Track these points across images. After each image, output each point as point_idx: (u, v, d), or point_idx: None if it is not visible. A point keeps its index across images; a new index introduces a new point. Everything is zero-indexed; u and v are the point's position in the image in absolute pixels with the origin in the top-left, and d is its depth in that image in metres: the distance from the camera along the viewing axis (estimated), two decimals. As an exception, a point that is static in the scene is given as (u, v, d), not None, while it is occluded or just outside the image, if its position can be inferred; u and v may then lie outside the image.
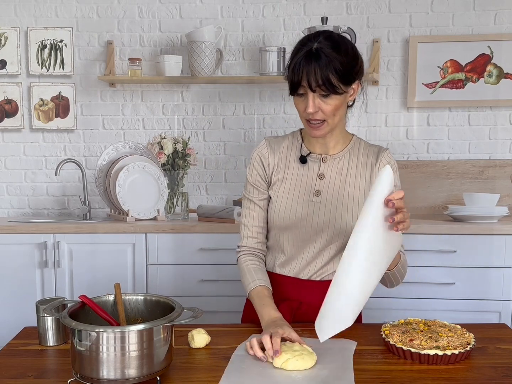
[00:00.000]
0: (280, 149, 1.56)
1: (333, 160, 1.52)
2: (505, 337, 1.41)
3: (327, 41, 1.36)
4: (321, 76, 1.33)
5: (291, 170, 1.53)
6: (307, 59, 1.34)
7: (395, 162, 1.55)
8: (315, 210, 1.49)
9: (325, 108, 1.38)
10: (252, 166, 1.57)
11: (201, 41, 2.81)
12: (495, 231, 2.46)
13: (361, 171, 1.52)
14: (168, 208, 2.82)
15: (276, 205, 1.52)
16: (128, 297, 1.29)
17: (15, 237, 2.58)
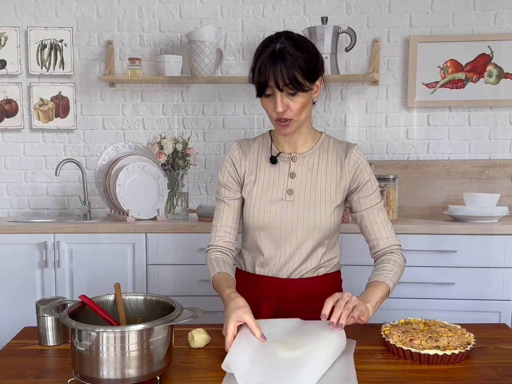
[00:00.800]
0: (251, 151, 1.59)
1: (303, 159, 1.55)
2: (505, 337, 1.41)
3: (289, 40, 1.39)
4: (288, 75, 1.36)
5: (263, 171, 1.56)
6: (272, 60, 1.37)
7: (364, 158, 1.57)
8: (288, 209, 1.52)
9: (293, 106, 1.41)
10: (224, 168, 1.60)
11: (201, 41, 2.81)
12: (495, 231, 2.46)
13: (331, 168, 1.54)
14: (168, 208, 2.81)
15: (250, 206, 1.55)
16: (128, 297, 1.29)
17: (15, 237, 2.58)
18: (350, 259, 2.42)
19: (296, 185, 1.53)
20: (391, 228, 1.56)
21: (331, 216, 1.52)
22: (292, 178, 1.54)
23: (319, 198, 1.52)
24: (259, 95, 1.43)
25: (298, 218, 1.52)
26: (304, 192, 1.52)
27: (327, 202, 1.52)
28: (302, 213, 1.51)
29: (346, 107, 3.01)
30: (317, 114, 3.08)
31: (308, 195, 1.52)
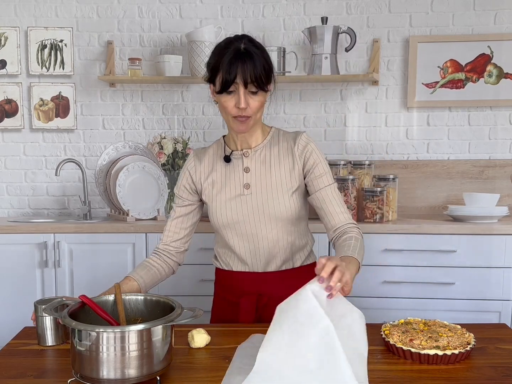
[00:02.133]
0: (206, 156, 1.65)
1: (254, 153, 1.60)
2: (505, 337, 1.41)
3: (251, 42, 1.47)
4: (255, 73, 1.43)
5: (219, 172, 1.62)
6: (240, 58, 1.43)
7: (313, 142, 1.61)
8: (248, 202, 1.57)
9: (253, 104, 1.47)
10: (180, 179, 1.67)
11: (201, 41, 2.81)
12: (495, 231, 2.46)
13: (284, 157, 1.58)
14: (168, 208, 2.81)
15: (211, 207, 1.61)
16: (128, 297, 1.29)
17: (15, 237, 2.58)
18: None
19: (251, 178, 1.58)
20: (346, 209, 1.57)
21: (290, 202, 1.55)
22: (247, 172, 1.58)
23: (276, 187, 1.56)
24: (221, 92, 1.46)
25: (259, 210, 1.56)
26: (260, 184, 1.57)
27: (284, 190, 1.56)
28: (262, 205, 1.56)
29: (346, 107, 3.01)
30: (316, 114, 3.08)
31: (264, 186, 1.56)
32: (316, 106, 3.01)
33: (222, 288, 1.71)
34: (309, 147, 1.58)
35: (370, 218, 2.59)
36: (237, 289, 1.63)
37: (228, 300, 1.67)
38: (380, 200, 2.58)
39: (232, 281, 1.65)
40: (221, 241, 1.66)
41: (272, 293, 1.58)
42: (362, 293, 2.50)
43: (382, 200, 2.59)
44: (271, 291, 1.59)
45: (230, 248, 1.62)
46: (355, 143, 3.01)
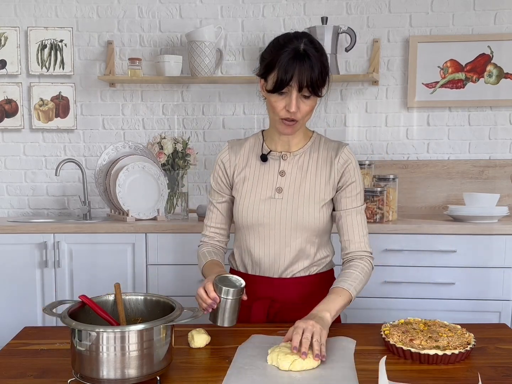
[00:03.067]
0: (242, 150, 1.60)
1: (293, 157, 1.55)
2: (505, 337, 1.41)
3: (311, 44, 1.41)
4: (312, 78, 1.37)
5: (252, 169, 1.57)
6: (298, 59, 1.37)
7: (355, 158, 1.57)
8: (277, 207, 1.53)
9: (304, 108, 1.42)
10: (214, 171, 1.63)
11: (201, 41, 2.81)
12: (495, 231, 2.46)
13: (322, 166, 1.55)
14: (168, 208, 2.81)
15: (239, 204, 1.56)
16: (128, 297, 1.29)
17: (15, 237, 2.58)
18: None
19: (285, 183, 1.54)
20: (367, 234, 1.55)
21: (319, 214, 1.52)
22: (282, 176, 1.54)
23: (308, 196, 1.52)
24: (273, 91, 1.41)
25: (287, 216, 1.52)
26: (293, 190, 1.53)
27: (315, 201, 1.52)
28: (290, 211, 1.52)
29: (346, 107, 3.01)
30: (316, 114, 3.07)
31: (297, 193, 1.53)
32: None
33: None
34: (349, 162, 1.54)
35: (370, 218, 2.59)
36: (250, 292, 1.56)
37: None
38: (380, 200, 2.59)
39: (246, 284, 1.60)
40: (240, 241, 1.61)
41: (285, 300, 1.56)
42: (362, 293, 2.48)
43: (382, 200, 2.59)
44: (285, 297, 1.56)
45: (248, 249, 1.58)
46: (355, 143, 3.01)
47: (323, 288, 1.58)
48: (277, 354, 1.20)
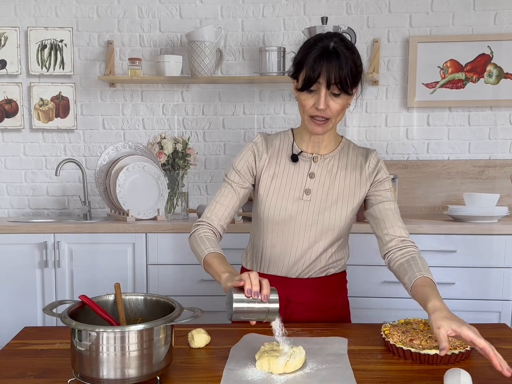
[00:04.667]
0: (273, 146, 1.58)
1: (323, 160, 1.55)
2: (505, 337, 1.41)
3: (342, 42, 1.40)
4: (340, 75, 1.36)
5: (282, 168, 1.55)
6: (327, 56, 1.37)
7: (383, 161, 1.59)
8: (304, 208, 1.52)
9: (334, 106, 1.41)
10: (243, 155, 1.56)
11: (201, 41, 2.81)
12: (495, 231, 2.46)
13: (351, 171, 1.55)
14: (168, 208, 2.81)
15: (266, 201, 1.54)
16: (128, 297, 1.29)
17: (15, 237, 2.58)
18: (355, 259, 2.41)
19: (314, 185, 1.53)
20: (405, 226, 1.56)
21: (346, 218, 1.53)
22: (311, 178, 1.54)
23: (336, 200, 1.52)
24: (302, 89, 1.41)
25: (313, 218, 1.51)
26: (321, 193, 1.52)
27: (343, 205, 1.52)
28: (317, 214, 1.51)
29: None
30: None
31: (325, 196, 1.52)
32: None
33: None
34: (380, 164, 1.56)
35: (370, 218, 2.58)
36: None
37: None
38: (380, 200, 2.58)
39: None
40: (260, 239, 1.57)
41: (301, 300, 1.56)
42: (362, 293, 2.50)
43: (382, 200, 2.58)
44: (301, 297, 1.56)
45: (269, 248, 1.56)
46: (355, 143, 3.00)
47: (336, 289, 1.62)
48: (267, 360, 1.17)
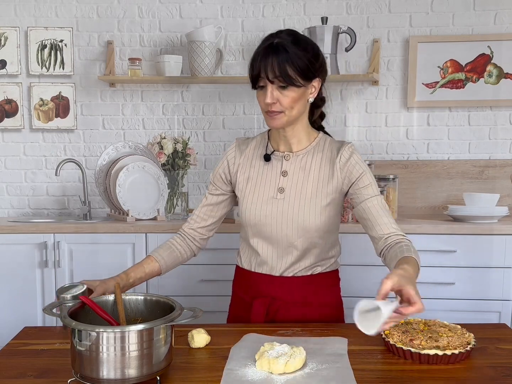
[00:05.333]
0: (247, 149, 1.61)
1: (296, 157, 1.56)
2: (505, 337, 1.41)
3: (289, 36, 1.43)
4: (278, 67, 1.39)
5: (256, 169, 1.58)
6: (266, 52, 1.41)
7: (357, 154, 1.54)
8: (279, 207, 1.53)
9: (283, 99, 1.43)
10: (217, 166, 1.64)
11: (201, 41, 2.81)
12: (495, 231, 2.46)
13: (324, 167, 1.54)
14: (168, 208, 2.81)
15: (242, 204, 1.57)
16: (128, 297, 1.29)
17: (15, 237, 2.58)
18: (349, 259, 2.42)
19: (287, 183, 1.54)
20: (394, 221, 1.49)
21: (320, 215, 1.51)
22: (284, 176, 1.55)
23: (309, 197, 1.52)
24: (253, 87, 1.46)
25: (288, 216, 1.52)
26: (295, 191, 1.53)
27: (317, 201, 1.51)
28: (292, 212, 1.52)
29: (346, 107, 3.00)
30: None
31: (298, 194, 1.53)
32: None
33: (239, 287, 1.68)
34: (352, 159, 1.52)
35: (370, 218, 2.58)
36: (253, 289, 1.60)
37: (243, 300, 1.64)
38: (380, 200, 2.58)
39: (249, 282, 1.61)
40: (246, 239, 1.61)
41: (286, 298, 1.56)
42: (362, 293, 2.49)
43: (382, 200, 2.58)
44: (285, 296, 1.57)
45: (253, 248, 1.58)
46: (355, 143, 3.00)
47: (325, 287, 1.60)
48: (267, 360, 1.17)
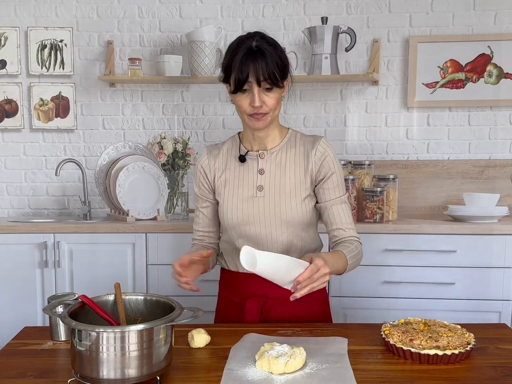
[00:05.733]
0: (220, 153, 1.62)
1: (270, 155, 1.58)
2: (505, 337, 1.41)
3: (263, 39, 1.46)
4: (267, 71, 1.41)
5: (232, 171, 1.59)
6: (251, 56, 1.42)
7: (332, 149, 1.59)
8: (260, 205, 1.55)
9: (269, 101, 1.45)
10: (196, 177, 1.66)
11: (201, 41, 2.81)
12: (495, 231, 2.46)
13: (300, 161, 1.56)
14: (168, 208, 2.81)
15: (222, 207, 1.59)
16: (128, 297, 1.29)
17: (15, 237, 2.58)
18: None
19: (265, 181, 1.56)
20: (352, 222, 1.59)
21: (301, 208, 1.54)
22: (261, 174, 1.56)
23: (289, 191, 1.54)
24: (235, 92, 1.46)
25: (270, 213, 1.54)
26: (274, 188, 1.55)
27: (297, 195, 1.54)
28: (273, 208, 1.54)
29: (346, 107, 3.01)
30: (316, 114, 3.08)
31: (278, 190, 1.55)
32: (316, 106, 3.01)
33: (227, 288, 1.68)
34: (327, 154, 1.55)
35: (370, 218, 2.59)
36: (243, 290, 1.60)
37: (232, 301, 1.64)
38: (380, 200, 2.58)
39: (237, 283, 1.62)
40: (229, 241, 1.62)
41: (278, 296, 1.56)
42: (362, 293, 2.50)
43: (382, 200, 2.59)
44: (277, 293, 1.55)
45: (237, 249, 1.57)
46: (355, 143, 3.01)
47: None
48: (267, 360, 1.17)
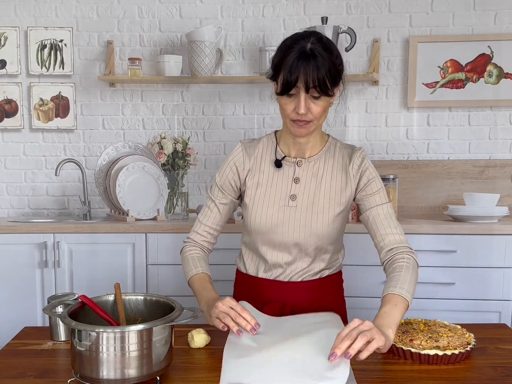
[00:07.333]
0: (255, 153, 1.54)
1: (308, 164, 1.51)
2: (505, 337, 1.41)
3: (319, 42, 1.35)
4: (318, 77, 1.32)
5: (266, 175, 1.52)
6: (304, 59, 1.32)
7: (368, 160, 1.53)
8: (291, 215, 1.49)
9: (315, 109, 1.37)
10: (224, 170, 1.56)
11: (201, 41, 2.81)
12: (495, 231, 2.46)
13: (337, 174, 1.51)
14: (168, 208, 2.81)
15: (252, 211, 1.52)
16: (128, 297, 1.29)
17: (15, 237, 2.58)
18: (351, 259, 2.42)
19: (299, 190, 1.50)
20: (401, 230, 1.49)
21: (333, 223, 1.49)
22: (296, 183, 1.50)
23: (322, 205, 1.49)
24: (282, 94, 1.37)
25: (300, 225, 1.49)
26: (307, 198, 1.49)
27: (330, 209, 1.49)
28: (304, 220, 1.48)
29: (346, 107, 3.00)
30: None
31: (311, 201, 1.49)
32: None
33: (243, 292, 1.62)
34: (363, 164, 1.50)
35: (370, 218, 2.58)
36: (260, 295, 1.55)
37: None
38: (380, 200, 2.58)
39: (255, 287, 1.57)
40: (253, 245, 1.56)
41: (296, 303, 1.53)
42: (362, 293, 2.49)
43: (382, 200, 2.58)
44: (296, 300, 1.54)
45: (260, 254, 1.55)
46: (355, 143, 3.01)
47: (333, 289, 1.61)
48: None
